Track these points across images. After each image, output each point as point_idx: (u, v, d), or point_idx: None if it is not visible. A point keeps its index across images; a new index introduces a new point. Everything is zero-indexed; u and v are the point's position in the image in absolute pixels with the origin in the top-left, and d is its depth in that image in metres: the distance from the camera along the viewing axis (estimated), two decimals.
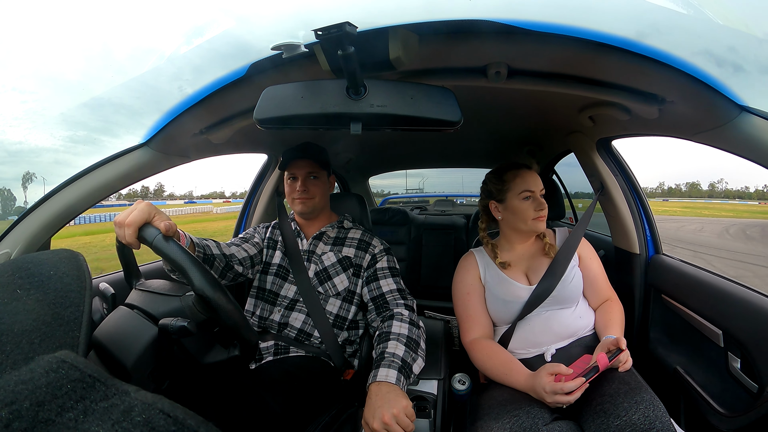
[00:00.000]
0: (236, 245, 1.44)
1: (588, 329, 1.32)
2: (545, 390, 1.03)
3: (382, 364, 1.10)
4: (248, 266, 1.43)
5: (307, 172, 1.47)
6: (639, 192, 1.71)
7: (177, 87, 1.11)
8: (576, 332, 1.30)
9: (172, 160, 1.35)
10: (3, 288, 0.62)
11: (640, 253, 1.69)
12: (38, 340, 0.55)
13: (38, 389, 0.38)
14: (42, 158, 31.66)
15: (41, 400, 0.38)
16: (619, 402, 0.98)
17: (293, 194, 1.48)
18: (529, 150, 2.42)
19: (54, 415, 0.37)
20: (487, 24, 0.81)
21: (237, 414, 1.03)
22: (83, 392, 0.39)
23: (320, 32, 0.70)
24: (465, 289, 1.39)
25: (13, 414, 0.36)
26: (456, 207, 5.57)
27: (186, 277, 0.82)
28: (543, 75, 1.06)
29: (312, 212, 1.52)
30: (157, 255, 0.87)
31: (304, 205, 1.48)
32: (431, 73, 1.07)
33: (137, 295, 0.94)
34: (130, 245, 0.89)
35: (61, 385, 0.39)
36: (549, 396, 1.02)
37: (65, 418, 0.37)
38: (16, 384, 0.39)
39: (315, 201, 1.49)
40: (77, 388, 0.39)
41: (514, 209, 1.36)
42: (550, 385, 1.03)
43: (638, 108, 1.14)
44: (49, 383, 0.39)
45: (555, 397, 1.01)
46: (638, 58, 0.84)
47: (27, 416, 0.36)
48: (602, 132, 1.57)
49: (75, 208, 1.17)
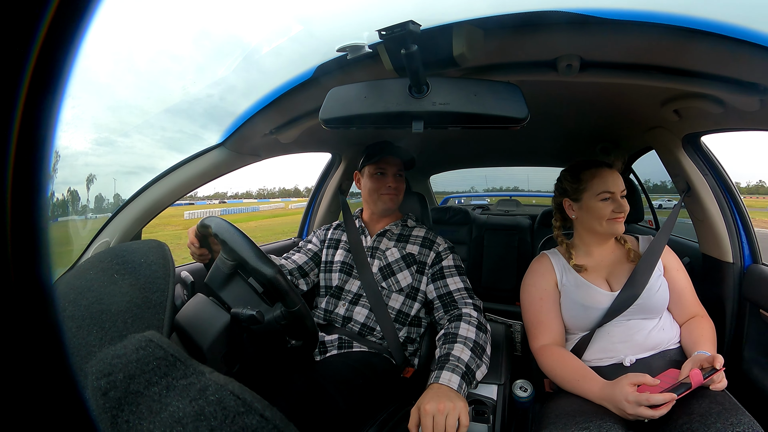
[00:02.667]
0: (286, 257, 1.58)
1: (672, 343, 1.21)
2: (627, 399, 0.94)
3: (446, 366, 1.09)
4: (297, 276, 1.55)
5: (397, 170, 1.53)
6: (734, 193, 1.52)
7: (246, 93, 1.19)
8: (659, 345, 1.19)
9: (245, 159, 1.44)
10: (104, 272, 0.70)
11: (734, 263, 1.50)
12: (130, 320, 0.62)
13: (130, 364, 0.43)
14: (78, 161, 35.93)
15: (132, 373, 0.42)
16: (710, 422, 0.88)
17: (381, 189, 1.52)
18: (602, 147, 2.26)
19: (142, 387, 0.41)
20: (558, 14, 0.77)
21: (303, 405, 1.07)
22: (166, 369, 0.43)
23: (384, 32, 0.71)
24: (538, 293, 1.32)
25: (110, 384, 0.41)
26: (520, 207, 5.34)
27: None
28: (620, 66, 0.99)
29: (394, 208, 1.56)
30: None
31: (392, 201, 1.53)
32: (496, 69, 1.03)
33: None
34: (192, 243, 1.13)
35: (149, 361, 0.44)
36: (630, 407, 0.94)
37: (151, 392, 0.41)
38: (113, 358, 0.44)
39: (399, 198, 1.54)
40: (161, 366, 0.43)
41: (590, 209, 1.28)
42: (634, 395, 0.94)
43: (734, 99, 1.01)
44: (138, 359, 0.44)
45: (638, 409, 0.92)
46: (734, 43, 0.75)
47: (120, 387, 0.41)
48: (690, 127, 1.42)
49: (161, 203, 1.30)
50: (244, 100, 1.22)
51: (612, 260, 1.33)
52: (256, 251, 0.96)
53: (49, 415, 0.28)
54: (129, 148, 30.08)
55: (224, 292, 1.01)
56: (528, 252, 2.78)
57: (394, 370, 1.38)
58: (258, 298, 0.98)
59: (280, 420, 0.38)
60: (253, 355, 0.99)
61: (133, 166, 24.39)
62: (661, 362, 1.15)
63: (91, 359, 0.44)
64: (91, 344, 0.57)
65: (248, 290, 0.99)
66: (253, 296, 0.99)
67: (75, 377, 0.31)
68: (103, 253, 0.77)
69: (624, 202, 1.25)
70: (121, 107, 2.51)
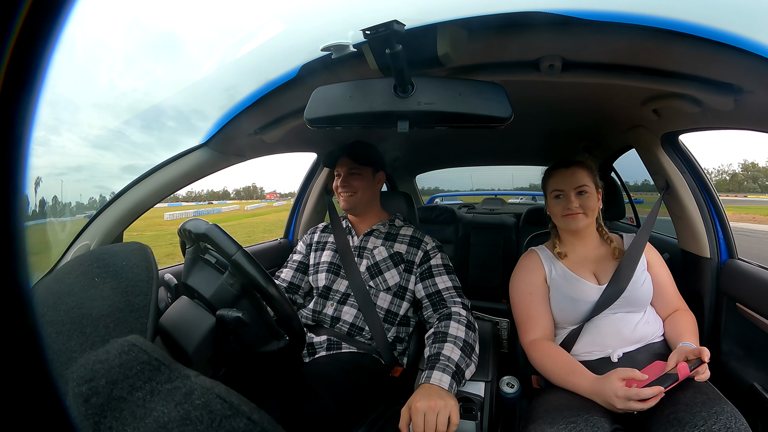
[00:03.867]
0: (275, 276, 1.63)
1: (656, 336, 1.25)
2: (617, 395, 0.97)
3: (436, 366, 1.10)
4: (291, 293, 1.60)
5: (348, 169, 1.52)
6: (710, 190, 1.57)
7: (229, 93, 1.17)
8: (644, 337, 1.23)
9: (229, 159, 1.43)
10: (84, 276, 0.69)
11: (711, 258, 1.55)
12: (112, 324, 0.61)
13: (113, 369, 0.42)
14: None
15: (115, 378, 0.41)
16: (696, 411, 0.91)
17: (338, 190, 1.54)
18: (585, 146, 2.30)
19: (125, 393, 0.40)
20: (541, 15, 0.78)
21: (292, 407, 1.07)
22: (150, 374, 0.42)
23: (368, 32, 0.71)
24: (527, 288, 1.35)
25: (92, 390, 0.40)
26: (505, 206, 5.39)
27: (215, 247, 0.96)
28: (601, 67, 1.01)
29: (355, 207, 1.55)
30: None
31: (345, 201, 1.53)
32: (481, 69, 1.04)
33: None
34: None
35: (132, 366, 0.43)
36: (620, 402, 0.96)
37: (135, 397, 0.40)
38: (94, 363, 0.43)
39: (357, 196, 1.52)
40: (145, 370, 0.43)
41: (548, 206, 1.39)
42: (623, 390, 0.96)
43: (710, 99, 1.04)
44: (121, 364, 0.43)
45: (628, 403, 0.95)
46: (711, 44, 0.77)
47: (103, 393, 0.40)
48: (668, 126, 1.46)
49: (144, 204, 1.27)
50: (227, 101, 1.20)
51: (598, 256, 1.37)
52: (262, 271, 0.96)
53: (29, 423, 0.27)
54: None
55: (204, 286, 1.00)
56: (513, 250, 2.81)
57: (383, 370, 1.39)
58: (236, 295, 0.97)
59: (268, 422, 0.38)
60: (240, 358, 0.98)
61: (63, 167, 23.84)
62: (646, 355, 1.18)
63: (71, 365, 0.43)
64: (72, 350, 0.56)
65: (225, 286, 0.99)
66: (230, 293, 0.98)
67: (55, 384, 0.30)
68: (83, 257, 0.76)
69: (576, 199, 1.29)
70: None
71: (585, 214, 1.30)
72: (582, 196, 1.30)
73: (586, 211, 1.30)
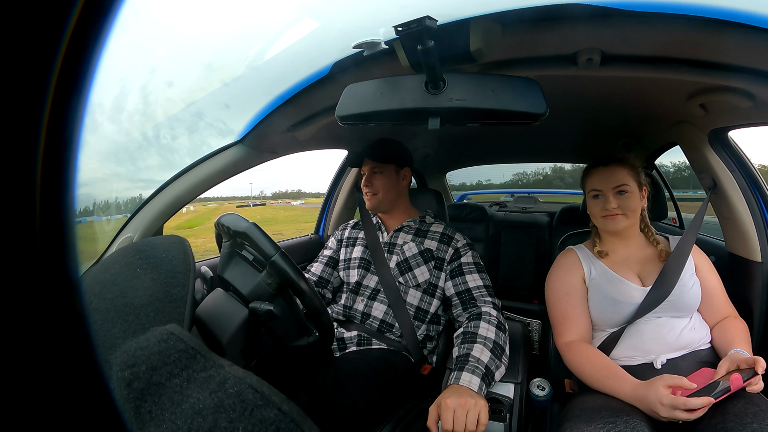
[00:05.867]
0: (306, 270, 1.65)
1: (703, 343, 1.17)
2: (662, 402, 0.92)
3: (466, 367, 1.09)
4: (320, 287, 1.62)
5: (371, 168, 1.53)
6: (762, 190, 1.47)
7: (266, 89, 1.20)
8: (689, 344, 1.16)
9: (263, 156, 1.46)
10: (127, 267, 0.72)
11: (762, 262, 1.45)
12: (152, 313, 0.64)
13: (152, 356, 0.44)
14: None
15: (155, 365, 0.43)
16: (747, 422, 0.85)
17: (363, 189, 1.56)
18: (624, 143, 2.20)
19: (164, 379, 0.42)
20: (579, 7, 0.75)
21: (321, 401, 1.08)
22: (187, 362, 0.44)
23: (400, 28, 0.70)
24: (565, 288, 1.30)
25: (133, 375, 0.42)
26: (538, 204, 5.24)
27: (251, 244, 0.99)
28: (643, 60, 0.96)
29: (378, 207, 1.56)
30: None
31: (369, 201, 1.55)
32: (515, 64, 1.02)
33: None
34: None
35: (170, 354, 0.45)
36: (665, 410, 0.91)
37: (172, 383, 0.42)
38: (136, 350, 0.45)
39: (378, 197, 1.53)
40: (182, 358, 0.45)
41: (588, 207, 1.32)
42: (669, 398, 0.91)
43: (765, 93, 0.98)
44: (161, 351, 0.45)
45: (673, 412, 0.90)
46: (765, 34, 0.72)
47: (143, 378, 0.42)
48: (716, 122, 1.37)
49: (182, 199, 1.33)
50: (262, 99, 1.23)
51: (642, 257, 1.30)
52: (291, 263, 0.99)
53: (77, 405, 0.29)
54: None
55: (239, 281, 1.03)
56: (546, 250, 2.73)
57: (412, 367, 1.39)
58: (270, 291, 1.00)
59: (297, 414, 0.38)
60: (271, 350, 1.01)
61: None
62: (691, 363, 1.12)
63: (115, 351, 0.46)
64: (116, 336, 0.59)
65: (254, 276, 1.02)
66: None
67: (101, 368, 0.32)
68: (127, 248, 0.80)
69: (614, 199, 1.23)
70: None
71: (625, 215, 1.23)
72: (621, 196, 1.24)
73: (626, 212, 1.23)
